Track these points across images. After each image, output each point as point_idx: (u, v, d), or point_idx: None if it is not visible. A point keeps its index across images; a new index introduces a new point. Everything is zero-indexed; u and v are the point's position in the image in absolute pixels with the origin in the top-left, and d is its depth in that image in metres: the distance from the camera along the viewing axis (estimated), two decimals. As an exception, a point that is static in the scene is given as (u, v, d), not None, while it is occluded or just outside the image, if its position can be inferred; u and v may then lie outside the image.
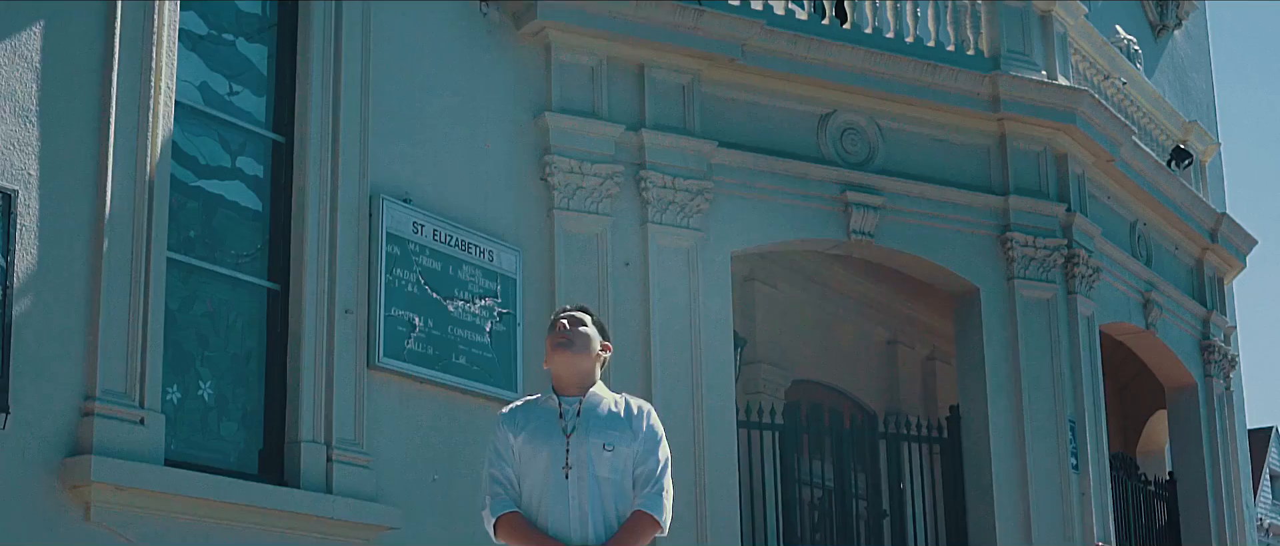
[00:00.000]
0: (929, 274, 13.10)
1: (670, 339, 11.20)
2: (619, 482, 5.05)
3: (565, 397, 5.15)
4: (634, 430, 5.11)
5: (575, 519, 5.00)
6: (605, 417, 5.11)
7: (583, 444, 5.05)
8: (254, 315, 9.18)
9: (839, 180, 12.35)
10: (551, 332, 5.23)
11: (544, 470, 5.05)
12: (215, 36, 9.22)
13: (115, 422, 7.89)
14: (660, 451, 5.14)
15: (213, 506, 8.33)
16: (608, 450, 5.03)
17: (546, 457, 5.05)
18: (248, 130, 9.33)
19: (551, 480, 5.03)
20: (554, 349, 5.19)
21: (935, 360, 16.40)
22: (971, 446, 12.77)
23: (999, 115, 13.07)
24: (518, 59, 11.04)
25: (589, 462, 5.02)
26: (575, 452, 5.03)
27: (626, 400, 5.22)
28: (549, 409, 5.16)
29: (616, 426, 5.09)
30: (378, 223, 9.66)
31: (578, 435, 5.06)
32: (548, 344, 5.23)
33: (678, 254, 11.41)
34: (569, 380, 5.18)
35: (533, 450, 5.09)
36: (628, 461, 5.07)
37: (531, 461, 5.08)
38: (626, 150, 11.32)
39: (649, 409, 5.21)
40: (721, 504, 11.15)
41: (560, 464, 5.03)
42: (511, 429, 5.16)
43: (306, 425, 9.05)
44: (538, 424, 5.13)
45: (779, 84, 12.21)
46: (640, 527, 5.02)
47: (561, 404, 5.13)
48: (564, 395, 5.16)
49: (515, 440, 5.12)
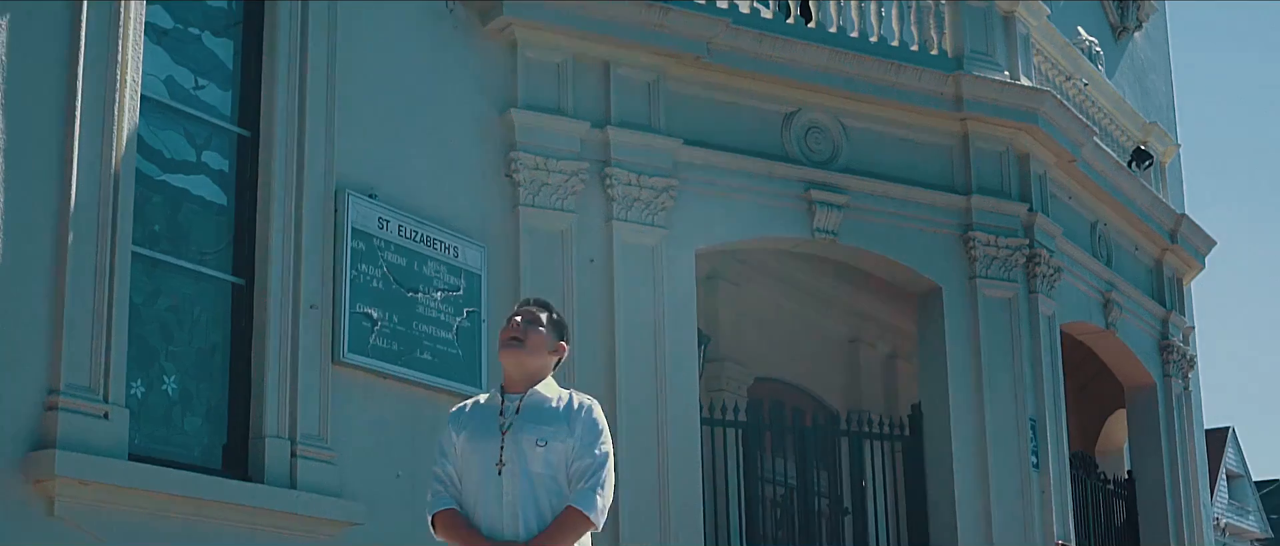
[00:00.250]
0: (892, 272, 13.16)
1: (634, 336, 11.21)
2: (552, 478, 5.05)
3: (509, 394, 5.18)
4: (570, 426, 5.10)
5: (507, 515, 5.01)
6: (543, 414, 5.12)
7: (517, 440, 5.06)
8: (218, 310, 9.16)
9: (803, 178, 12.39)
10: (505, 327, 5.25)
11: (480, 467, 5.08)
12: (181, 30, 9.19)
13: (79, 417, 7.85)
14: (599, 447, 5.12)
15: (176, 501, 8.30)
16: (540, 445, 5.04)
17: (483, 454, 5.09)
18: (213, 124, 9.30)
19: (488, 476, 5.05)
20: (503, 346, 5.22)
21: (897, 358, 16.47)
22: (933, 444, 12.84)
23: (962, 115, 13.14)
24: (483, 55, 11.03)
25: (521, 458, 5.03)
26: (509, 449, 5.05)
27: (571, 396, 5.21)
28: (492, 406, 5.19)
29: (553, 422, 5.09)
30: (343, 218, 9.65)
31: (513, 431, 5.08)
32: (500, 338, 5.26)
33: (642, 251, 11.43)
34: (516, 377, 5.20)
35: (472, 448, 5.12)
36: (562, 457, 5.06)
37: (470, 459, 5.12)
38: (592, 147, 11.33)
39: (590, 404, 5.19)
40: (685, 501, 11.18)
41: (494, 460, 5.06)
42: (455, 428, 5.21)
43: (271, 420, 9.03)
44: (479, 422, 5.17)
45: (744, 82, 12.24)
46: (570, 522, 5.00)
47: (504, 401, 5.16)
48: (510, 392, 5.19)
49: (458, 439, 5.17)
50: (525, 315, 5.23)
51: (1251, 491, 40.34)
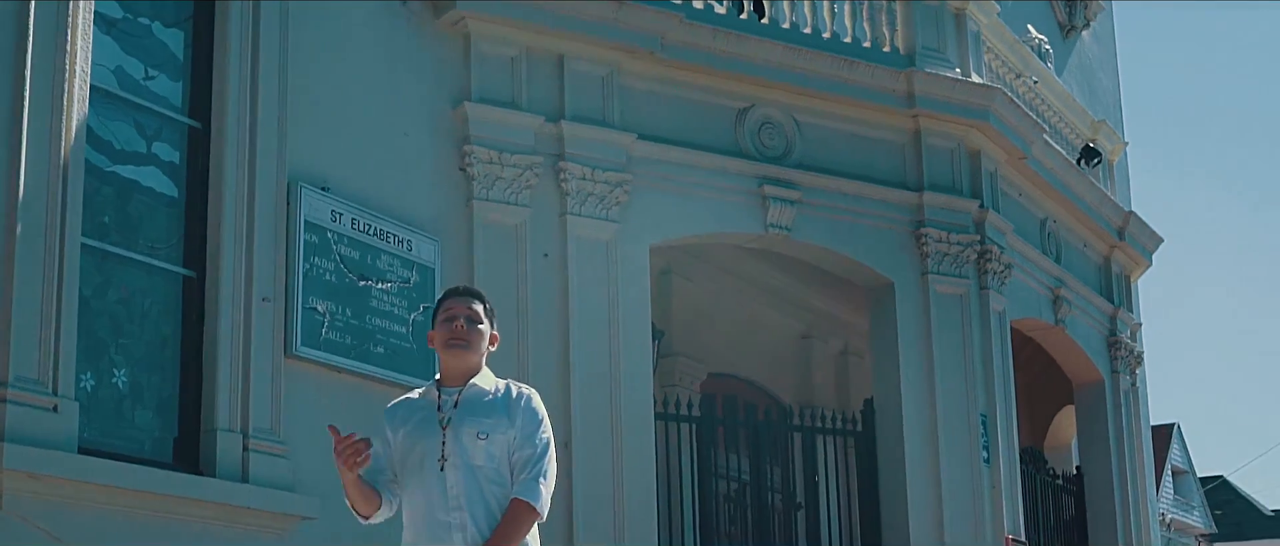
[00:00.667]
0: (844, 268, 13.19)
1: (588, 331, 11.19)
2: (495, 470, 5.01)
3: (446, 388, 5.13)
4: (510, 417, 5.06)
5: (453, 509, 4.96)
6: (482, 406, 5.07)
7: (458, 434, 5.01)
8: (169, 302, 9.07)
9: (757, 174, 12.40)
10: (445, 326, 5.15)
11: (423, 462, 5.03)
12: (130, 20, 9.09)
13: (28, 409, 7.75)
14: (539, 436, 5.08)
15: (127, 494, 8.21)
16: (481, 438, 4.99)
17: (424, 451, 5.04)
18: (164, 115, 9.21)
19: (431, 473, 5.00)
20: (447, 348, 5.14)
21: (849, 354, 16.53)
22: (885, 439, 12.88)
23: (914, 111, 13.18)
24: (437, 48, 10.98)
25: (463, 452, 4.99)
26: (451, 443, 5.01)
27: (508, 385, 5.17)
28: (429, 402, 5.14)
29: (493, 414, 5.04)
30: (296, 210, 9.58)
31: (453, 426, 5.03)
32: (438, 336, 5.16)
33: (597, 246, 11.41)
34: (456, 372, 5.15)
35: (411, 444, 5.08)
36: (504, 448, 5.02)
37: (410, 455, 5.07)
38: (546, 141, 11.30)
39: (530, 393, 5.15)
40: (638, 496, 11.16)
41: (436, 456, 5.01)
42: (392, 425, 5.17)
43: (222, 414, 8.95)
44: (418, 418, 5.12)
45: (698, 77, 12.24)
46: (519, 516, 4.97)
47: (441, 395, 5.12)
48: (447, 386, 5.14)
49: (395, 436, 5.13)
50: (466, 314, 5.16)
51: (1196, 487, 40.66)
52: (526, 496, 4.97)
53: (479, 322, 5.16)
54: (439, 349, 5.16)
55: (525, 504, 4.97)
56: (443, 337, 5.14)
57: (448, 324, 5.14)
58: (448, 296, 5.26)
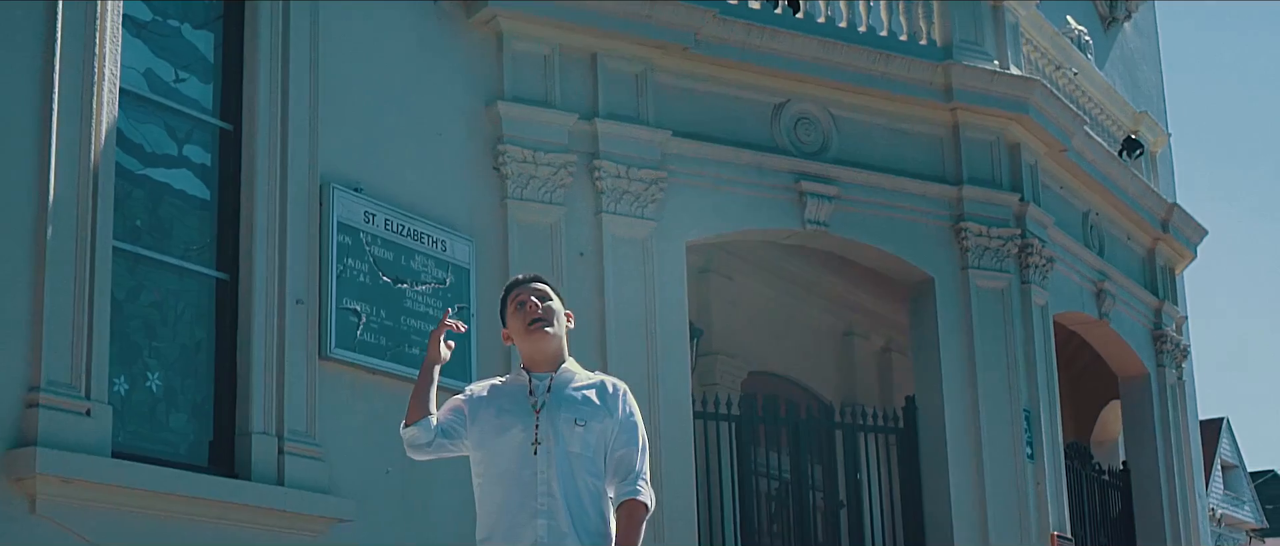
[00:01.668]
0: (883, 263, 13.07)
1: (625, 330, 11.12)
2: (591, 459, 4.92)
3: (536, 374, 5.03)
4: (608, 409, 4.99)
5: (543, 496, 4.85)
6: (578, 394, 4.99)
7: (553, 419, 4.92)
8: (203, 305, 9.05)
9: (793, 170, 12.30)
10: (518, 310, 5.07)
11: (513, 446, 4.92)
12: (160, 22, 9.08)
13: (60, 414, 7.74)
14: (639, 432, 5.04)
15: (161, 498, 8.18)
16: (579, 425, 4.91)
17: (516, 434, 4.93)
18: (195, 118, 9.19)
19: (520, 456, 4.90)
20: (528, 331, 5.05)
21: (891, 351, 16.41)
22: (927, 436, 12.76)
23: (952, 105, 13.06)
24: (469, 47, 10.93)
25: (559, 438, 4.89)
26: (544, 428, 4.91)
27: (602, 378, 5.10)
28: (519, 386, 5.04)
29: (589, 403, 4.97)
30: (328, 212, 9.54)
31: (547, 410, 4.93)
32: (516, 322, 5.08)
33: (632, 244, 11.33)
34: (541, 358, 5.06)
35: (501, 425, 4.96)
36: (601, 439, 4.95)
37: (499, 437, 4.96)
38: (580, 139, 11.23)
39: (625, 389, 5.08)
40: (678, 495, 11.08)
41: (528, 440, 4.91)
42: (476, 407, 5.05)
43: (257, 416, 8.92)
44: (507, 400, 5.01)
45: (733, 73, 12.15)
46: (637, 518, 4.94)
47: (532, 380, 5.02)
48: (535, 372, 5.04)
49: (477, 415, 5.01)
50: (538, 293, 5.10)
51: (1246, 482, 40.29)
52: (640, 496, 4.95)
53: (549, 301, 5.09)
54: (519, 337, 5.07)
55: (641, 504, 4.95)
56: (520, 324, 5.06)
57: (521, 310, 5.06)
58: (510, 289, 5.17)
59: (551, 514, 4.84)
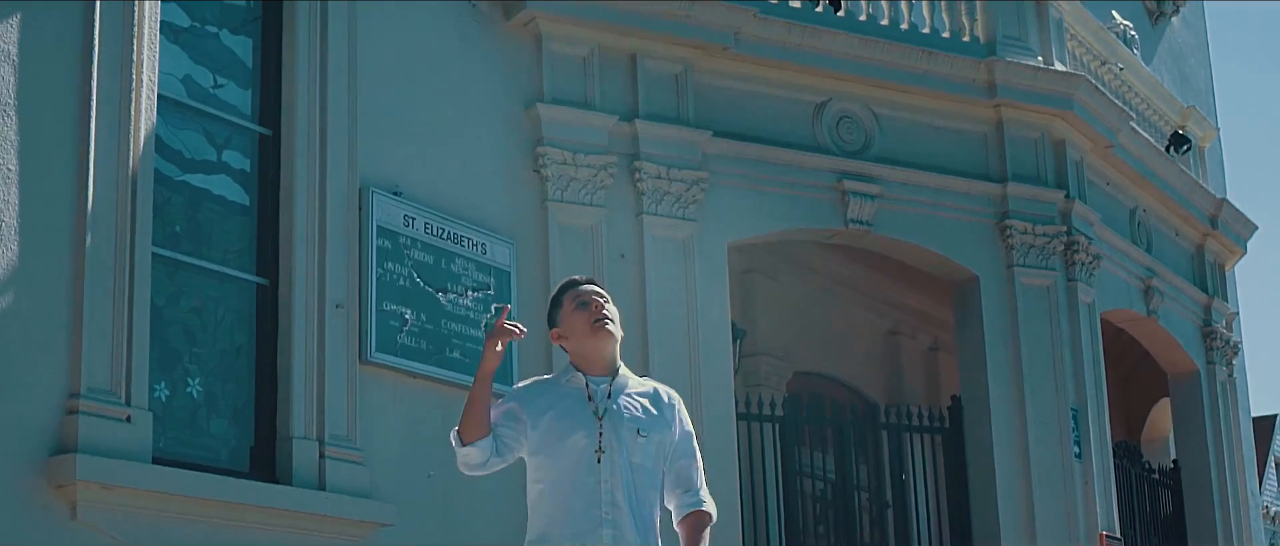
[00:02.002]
0: (927, 262, 12.99)
1: (667, 331, 11.07)
2: (651, 471, 4.85)
3: (593, 377, 4.91)
4: (667, 421, 4.93)
5: (608, 506, 4.75)
6: (638, 402, 4.91)
7: (616, 427, 4.81)
8: (243, 311, 9.05)
9: (835, 169, 12.23)
10: (581, 309, 4.95)
11: (576, 452, 4.79)
12: (198, 29, 9.08)
13: (100, 420, 7.75)
14: (696, 447, 5.02)
15: (202, 504, 8.18)
16: (642, 436, 4.82)
17: (579, 439, 4.79)
18: (233, 123, 9.19)
19: (582, 463, 4.78)
20: (594, 329, 4.93)
21: (938, 350, 16.32)
22: (973, 436, 12.66)
23: (995, 102, 12.96)
24: (508, 50, 10.91)
25: (623, 447, 4.79)
26: (608, 436, 4.80)
27: (655, 386, 5.03)
28: (575, 389, 4.90)
29: (649, 414, 4.89)
30: (368, 216, 9.53)
31: (610, 418, 4.82)
32: (578, 320, 4.94)
33: (673, 245, 11.29)
34: (598, 359, 4.94)
35: (563, 430, 4.82)
36: (660, 450, 4.88)
37: (560, 442, 4.81)
38: (620, 141, 11.19)
39: (679, 399, 5.04)
40: (721, 497, 10.79)
41: (592, 447, 4.78)
42: (532, 407, 4.88)
43: (298, 421, 8.91)
44: (566, 404, 4.86)
45: (773, 72, 12.09)
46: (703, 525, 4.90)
47: (588, 384, 4.90)
48: (590, 375, 4.92)
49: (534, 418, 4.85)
50: (600, 294, 5.00)
51: (1301, 480, 39.84)
52: (705, 506, 4.92)
53: (608, 302, 5.01)
54: (580, 336, 4.92)
55: (708, 514, 4.91)
56: (583, 322, 4.93)
57: (584, 308, 4.96)
58: (568, 287, 5.06)
59: (616, 523, 4.75)
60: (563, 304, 5.02)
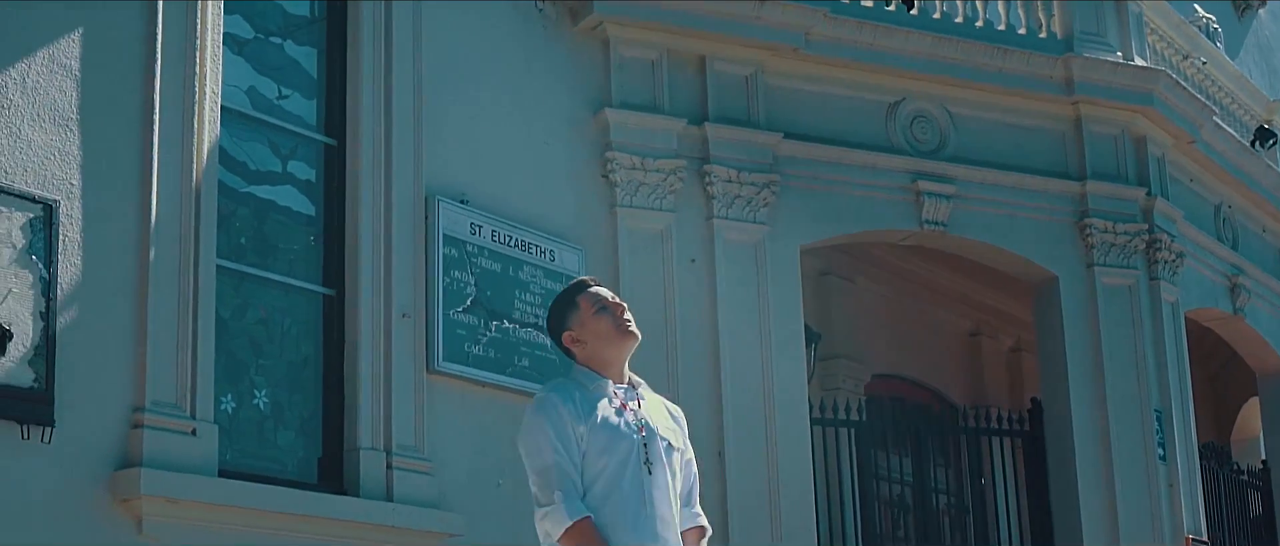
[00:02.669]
0: (1005, 263, 12.78)
1: (738, 337, 10.94)
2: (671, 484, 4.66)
3: (618, 385, 4.68)
4: (684, 435, 4.79)
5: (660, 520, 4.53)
6: (662, 413, 4.73)
7: (653, 439, 4.61)
8: (309, 321, 9.03)
9: (910, 169, 12.06)
10: (603, 312, 4.66)
11: (619, 463, 4.53)
12: (262, 39, 9.08)
13: (165, 434, 7.75)
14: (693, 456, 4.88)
15: (269, 517, 8.16)
16: (676, 448, 4.69)
17: (622, 450, 4.54)
18: (298, 134, 9.18)
19: (630, 474, 4.52)
20: (622, 336, 4.66)
21: (1021, 351, 16.06)
22: (1054, 438, 12.43)
23: (1074, 98, 12.72)
24: (575, 54, 10.83)
25: (660, 460, 4.60)
26: (652, 446, 4.60)
27: (662, 399, 4.85)
28: (600, 396, 4.62)
29: (671, 425, 4.73)
30: (434, 224, 9.48)
31: (648, 430, 4.62)
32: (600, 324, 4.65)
33: (745, 249, 11.16)
34: (619, 362, 4.71)
35: (609, 441, 4.54)
36: (682, 463, 4.73)
37: (603, 455, 4.53)
38: (689, 144, 11.08)
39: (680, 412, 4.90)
40: (795, 504, 10.89)
41: (641, 459, 4.55)
42: (576, 416, 4.54)
43: (365, 432, 8.88)
44: (603, 412, 4.58)
45: (845, 73, 11.93)
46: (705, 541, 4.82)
47: (619, 392, 4.66)
48: (617, 383, 4.68)
49: (583, 431, 4.53)
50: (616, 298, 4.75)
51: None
52: (704, 522, 4.82)
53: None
54: (604, 339, 4.65)
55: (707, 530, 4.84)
56: (607, 325, 4.66)
57: (606, 312, 4.68)
58: (581, 288, 4.77)
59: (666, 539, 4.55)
60: (579, 306, 4.72)
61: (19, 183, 7.44)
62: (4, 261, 7.29)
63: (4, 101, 7.47)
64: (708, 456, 10.61)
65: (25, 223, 7.40)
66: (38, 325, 7.35)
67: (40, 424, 7.26)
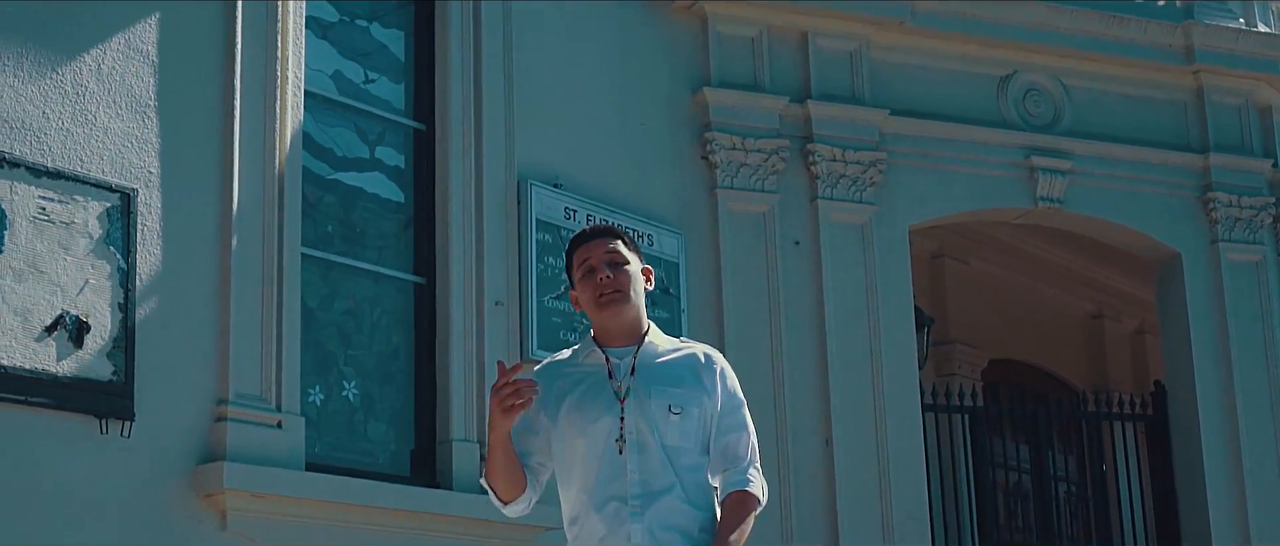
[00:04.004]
0: (1124, 240, 12.29)
1: (845, 321, 10.60)
2: (692, 451, 4.17)
3: (613, 350, 4.23)
4: (706, 388, 4.21)
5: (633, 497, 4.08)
6: (666, 371, 4.19)
7: (643, 407, 4.13)
8: (400, 310, 8.83)
9: (1023, 145, 11.62)
10: (586, 278, 4.24)
11: (598, 441, 4.13)
12: (347, 23, 8.88)
13: (250, 427, 7.58)
14: (744, 411, 4.26)
15: (358, 511, 7.97)
16: (675, 413, 4.14)
17: (602, 426, 4.13)
18: (386, 119, 8.98)
19: (605, 453, 4.10)
20: (599, 309, 4.22)
21: (1145, 333, 15.55)
22: (1178, 423, 11.93)
23: (1194, 67, 12.20)
24: (672, 33, 10.54)
25: (653, 429, 4.12)
26: (632, 420, 4.11)
27: (691, 349, 4.30)
28: (595, 365, 4.22)
29: (681, 382, 4.18)
30: (526, 209, 9.23)
31: (634, 397, 4.14)
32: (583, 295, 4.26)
33: (851, 230, 10.81)
34: (617, 330, 4.24)
35: (585, 420, 4.15)
36: (701, 425, 4.18)
37: (580, 435, 4.15)
38: (792, 123, 10.75)
39: (719, 359, 4.30)
40: (907, 492, 10.53)
41: (613, 435, 4.11)
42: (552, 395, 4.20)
43: (458, 423, 8.66)
44: (586, 386, 4.19)
45: (953, 46, 11.51)
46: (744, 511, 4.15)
47: (609, 359, 4.21)
48: (610, 347, 4.24)
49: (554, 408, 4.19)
50: (605, 257, 4.23)
51: None
52: (750, 487, 4.17)
53: (623, 263, 4.25)
54: (590, 310, 4.26)
55: (752, 497, 4.17)
56: (590, 296, 4.23)
57: (589, 277, 4.23)
58: (576, 245, 4.33)
59: (643, 516, 4.08)
60: (572, 262, 4.32)
61: (95, 171, 7.29)
62: (81, 252, 7.14)
63: (79, 89, 7.33)
64: (815, 444, 10.32)
65: (102, 212, 7.25)
66: (116, 317, 7.20)
67: (119, 417, 7.12)
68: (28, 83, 7.15)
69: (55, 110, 7.22)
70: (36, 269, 6.97)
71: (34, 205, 7.02)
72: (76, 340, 7.04)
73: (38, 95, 7.17)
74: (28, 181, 7.03)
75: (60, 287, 7.04)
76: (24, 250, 6.95)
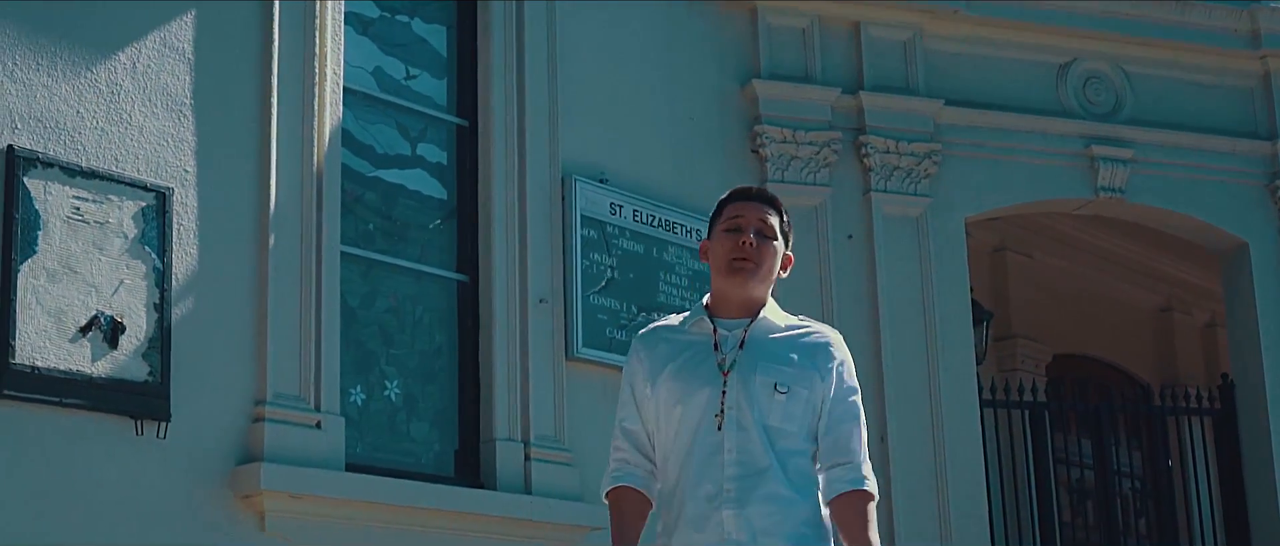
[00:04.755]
0: (1190, 230, 12.01)
1: (901, 316, 10.41)
2: (796, 435, 3.93)
3: (723, 320, 4.01)
4: (819, 371, 3.96)
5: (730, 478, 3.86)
6: (776, 349, 3.95)
7: (747, 383, 3.91)
8: (442, 309, 8.72)
9: (1083, 134, 11.37)
10: (728, 235, 4.01)
11: (696, 415, 3.92)
12: (387, 19, 8.78)
13: (289, 427, 7.49)
14: (857, 400, 4.02)
15: (400, 512, 7.87)
16: (781, 392, 3.90)
17: (701, 399, 3.91)
18: (428, 115, 8.87)
19: (702, 429, 3.90)
20: (728, 272, 3.99)
21: (1216, 326, 15.22)
22: (1247, 418, 11.65)
23: (1261, 52, 11.89)
24: (720, 24, 10.38)
25: (754, 406, 3.89)
26: (733, 395, 3.90)
27: (808, 327, 4.06)
28: (702, 336, 4.00)
29: (790, 362, 3.94)
30: (571, 205, 9.09)
31: (739, 372, 3.91)
32: (718, 251, 4.02)
33: (905, 223, 10.62)
34: (734, 302, 4.02)
35: (685, 390, 3.94)
36: (807, 408, 3.94)
37: (678, 403, 3.94)
38: (844, 115, 10.57)
39: (838, 341, 4.05)
40: (965, 489, 10.33)
41: (712, 409, 3.90)
42: (651, 360, 4.02)
43: (502, 423, 8.54)
44: (687, 355, 3.97)
45: (1010, 34, 11.28)
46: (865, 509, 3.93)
47: (717, 329, 4.00)
48: (722, 317, 4.02)
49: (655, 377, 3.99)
50: (757, 224, 4.01)
51: None
52: (866, 485, 3.95)
53: (773, 238, 4.03)
54: (717, 269, 4.03)
55: (870, 495, 3.96)
56: (724, 256, 4.00)
57: (732, 235, 4.01)
58: (732, 199, 4.10)
59: (741, 503, 3.86)
60: (719, 219, 4.09)
61: (129, 170, 7.22)
62: (115, 251, 7.08)
63: (113, 88, 7.26)
64: (870, 440, 10.11)
65: (137, 211, 7.18)
66: (152, 317, 7.12)
67: (155, 418, 7.04)
68: (62, 82, 7.10)
69: (90, 109, 7.16)
70: (71, 269, 6.92)
71: (68, 205, 6.96)
72: (111, 341, 6.97)
73: (72, 94, 7.12)
74: (62, 181, 6.97)
75: (95, 288, 6.97)
76: (58, 250, 6.89)
